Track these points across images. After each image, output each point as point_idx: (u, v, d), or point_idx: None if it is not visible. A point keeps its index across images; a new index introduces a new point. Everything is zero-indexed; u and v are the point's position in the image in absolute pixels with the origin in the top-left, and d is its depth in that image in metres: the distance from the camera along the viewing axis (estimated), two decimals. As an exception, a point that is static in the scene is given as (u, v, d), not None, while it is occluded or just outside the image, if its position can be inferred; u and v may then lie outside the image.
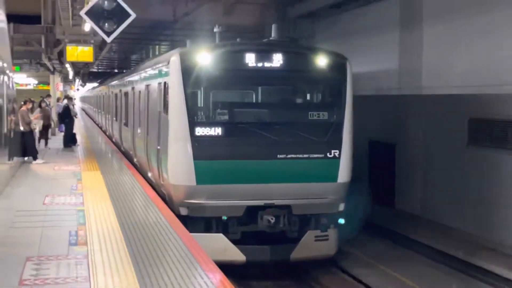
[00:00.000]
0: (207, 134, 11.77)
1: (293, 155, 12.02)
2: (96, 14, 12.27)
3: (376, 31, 18.61)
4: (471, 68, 14.51)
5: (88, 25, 16.40)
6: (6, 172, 13.93)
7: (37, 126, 22.69)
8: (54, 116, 29.10)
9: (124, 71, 37.83)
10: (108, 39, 13.04)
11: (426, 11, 16.38)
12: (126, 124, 21.17)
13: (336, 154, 12.17)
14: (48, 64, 31.84)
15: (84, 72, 57.23)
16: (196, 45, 13.79)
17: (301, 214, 12.34)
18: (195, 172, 11.65)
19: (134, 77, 19.71)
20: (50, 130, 26.09)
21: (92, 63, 38.16)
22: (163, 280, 6.95)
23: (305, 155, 12.09)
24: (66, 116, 24.64)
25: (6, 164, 14.04)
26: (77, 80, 67.15)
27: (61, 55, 26.96)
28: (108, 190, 13.12)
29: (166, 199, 12.44)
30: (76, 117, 29.07)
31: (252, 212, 11.96)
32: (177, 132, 11.86)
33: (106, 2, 12.15)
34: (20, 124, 17.77)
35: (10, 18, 17.68)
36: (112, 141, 25.87)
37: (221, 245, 11.64)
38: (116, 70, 52.96)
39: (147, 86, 15.85)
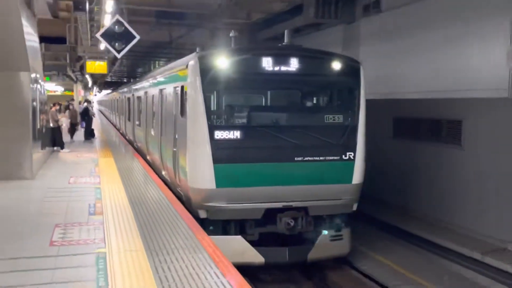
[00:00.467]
0: (226, 137, 9.38)
1: (309, 158, 9.70)
2: (109, 36, 12.25)
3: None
4: (394, 79, 14.69)
5: (103, 45, 16.27)
6: (40, 158, 13.81)
7: (64, 123, 22.47)
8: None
9: (131, 80, 37.53)
10: (118, 56, 13.02)
11: (361, 35, 16.51)
12: (139, 125, 18.45)
13: (351, 156, 9.93)
14: (72, 75, 31.59)
15: (100, 81, 56.77)
16: (212, 50, 11.14)
17: (317, 215, 10.10)
18: (215, 175, 9.26)
19: (146, 83, 17.22)
20: (76, 127, 25.72)
21: (107, 74, 37.93)
22: (162, 241, 6.97)
23: (322, 158, 9.78)
24: (86, 115, 24.48)
25: (40, 152, 13.91)
26: (95, 88, 66.62)
27: (82, 68, 26.80)
28: (119, 172, 13.05)
29: (183, 200, 10.19)
30: (94, 117, 28.75)
31: (269, 214, 9.68)
32: (196, 136, 9.44)
33: (116, 26, 12.12)
34: (50, 121, 17.62)
35: (42, 39, 17.51)
36: (126, 138, 24.31)
37: (240, 247, 9.46)
38: (125, 80, 52.62)
39: (161, 90, 13.39)
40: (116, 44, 12.37)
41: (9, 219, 8.25)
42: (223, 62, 9.47)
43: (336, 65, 10.05)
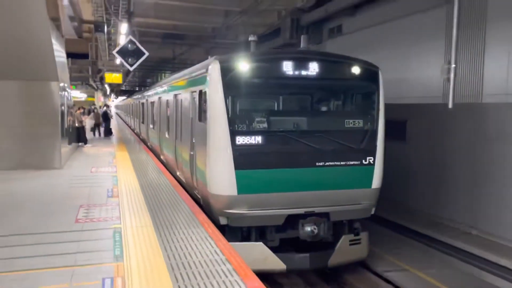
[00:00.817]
0: (248, 143, 7.52)
1: (331, 163, 7.91)
2: (123, 53, 12.24)
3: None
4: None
5: (118, 60, 16.15)
6: (67, 152, 13.69)
7: (88, 124, 22.25)
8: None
9: (142, 88, 37.29)
10: (131, 69, 12.99)
11: (328, 50, 16.56)
12: (153, 127, 16.45)
13: (371, 161, 8.18)
14: (93, 84, 31.27)
15: (117, 89, 56.33)
16: (232, 54, 8.81)
17: (336, 220, 8.27)
18: (236, 182, 7.44)
19: (160, 90, 15.17)
20: (99, 127, 25.45)
21: (122, 84, 37.64)
22: (166, 218, 6.97)
23: (342, 163, 7.99)
24: (105, 117, 24.32)
25: (67, 147, 13.79)
26: (112, 95, 66.09)
27: (102, 78, 26.50)
28: (132, 164, 12.98)
29: (200, 203, 8.39)
30: (111, 118, 28.51)
31: (291, 220, 7.87)
32: (218, 142, 7.53)
33: (129, 45, 12.13)
34: (76, 122, 17.44)
35: (69, 55, 17.31)
36: (140, 138, 22.82)
37: (261, 254, 7.67)
38: (137, 88, 52.30)
39: (175, 96, 11.35)
40: (129, 59, 12.37)
41: (42, 201, 8.19)
42: (243, 66, 7.63)
43: (356, 70, 8.27)
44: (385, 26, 13.23)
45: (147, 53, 12.96)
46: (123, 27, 14.60)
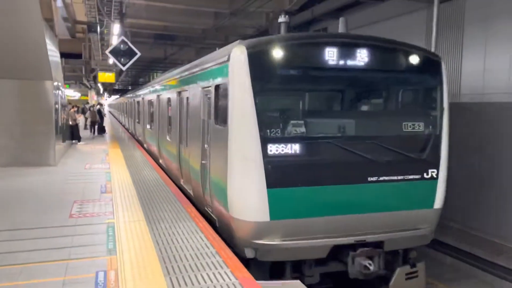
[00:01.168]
0: (283, 153, 5.50)
1: (386, 177, 5.93)
2: (116, 53, 12.14)
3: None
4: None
5: (111, 60, 16.02)
6: (61, 149, 13.56)
7: (80, 121, 22.03)
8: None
9: (135, 87, 37.00)
10: (123, 68, 12.88)
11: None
12: (150, 128, 14.56)
13: (434, 174, 6.21)
14: (87, 83, 31.02)
15: (109, 88, 55.78)
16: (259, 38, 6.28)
17: (391, 250, 6.21)
18: (269, 203, 5.44)
19: (159, 86, 13.13)
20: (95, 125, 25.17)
21: (114, 83, 37.35)
22: (158, 213, 6.95)
23: (400, 177, 6.01)
24: (99, 115, 24.11)
25: (61, 144, 13.65)
26: (105, 93, 65.55)
27: (95, 78, 26.32)
28: (125, 160, 12.89)
29: (215, 225, 6.43)
30: (105, 116, 28.29)
31: (334, 250, 5.84)
32: (244, 151, 5.49)
33: (121, 45, 12.05)
34: (70, 120, 17.28)
35: (62, 55, 17.14)
36: (135, 138, 20.95)
37: None
38: (130, 87, 51.96)
39: (179, 93, 9.29)
40: (122, 59, 12.28)
41: (38, 197, 8.11)
42: (277, 52, 5.51)
43: (415, 59, 6.24)
44: (368, 28, 13.30)
45: (139, 53, 12.88)
46: (116, 28, 14.47)
